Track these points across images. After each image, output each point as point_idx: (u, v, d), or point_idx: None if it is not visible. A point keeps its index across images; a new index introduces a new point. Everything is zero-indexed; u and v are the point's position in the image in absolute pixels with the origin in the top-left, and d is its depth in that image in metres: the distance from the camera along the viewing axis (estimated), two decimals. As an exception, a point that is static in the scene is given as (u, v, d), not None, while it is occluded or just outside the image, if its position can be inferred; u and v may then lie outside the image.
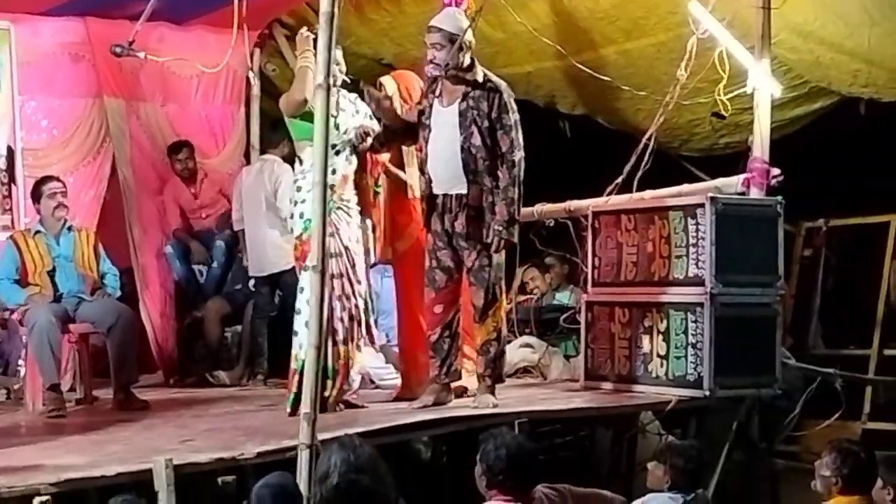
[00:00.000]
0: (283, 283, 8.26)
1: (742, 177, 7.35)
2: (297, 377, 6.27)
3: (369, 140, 6.74)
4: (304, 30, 6.74)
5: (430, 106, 6.72)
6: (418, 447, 6.86)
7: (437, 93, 6.71)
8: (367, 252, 6.89)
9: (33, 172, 8.13)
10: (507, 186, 6.51)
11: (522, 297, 9.05)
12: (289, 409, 6.35)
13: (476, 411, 6.40)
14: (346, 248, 6.65)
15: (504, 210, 6.50)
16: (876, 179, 9.39)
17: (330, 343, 6.43)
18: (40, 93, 8.53)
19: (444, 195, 6.63)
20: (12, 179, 8.32)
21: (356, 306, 6.65)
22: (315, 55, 5.95)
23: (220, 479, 5.14)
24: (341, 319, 6.58)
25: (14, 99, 8.36)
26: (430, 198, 6.69)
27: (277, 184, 8.33)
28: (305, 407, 4.80)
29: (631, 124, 9.08)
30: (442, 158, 6.61)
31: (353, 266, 6.67)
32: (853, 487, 4.96)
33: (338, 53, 6.46)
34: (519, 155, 6.56)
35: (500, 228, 6.49)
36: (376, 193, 7.12)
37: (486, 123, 6.55)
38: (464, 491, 4.99)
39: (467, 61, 6.64)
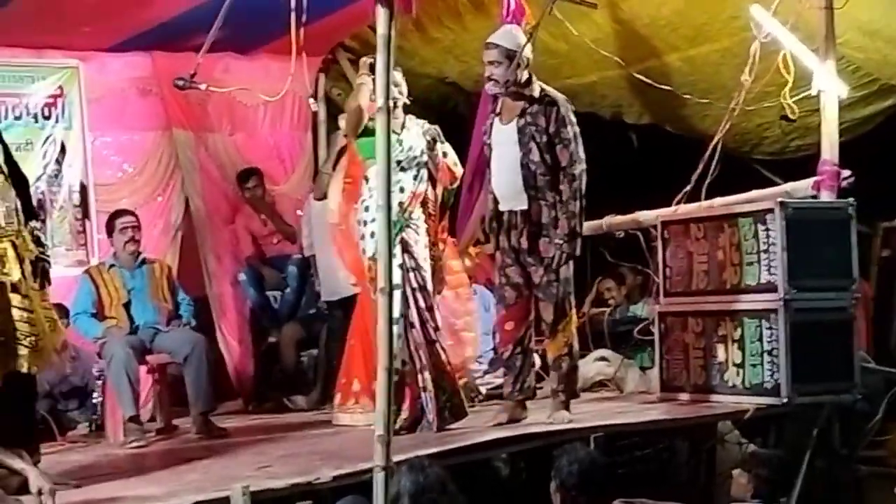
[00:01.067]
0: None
1: (812, 180, 7.26)
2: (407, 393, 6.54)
3: None
4: (366, 57, 6.79)
5: (491, 125, 6.74)
6: (497, 465, 6.85)
7: (498, 111, 6.72)
8: None
9: (105, 207, 8.27)
10: (569, 200, 6.50)
11: (596, 310, 8.99)
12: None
13: (552, 427, 6.37)
14: (418, 266, 6.69)
15: (565, 224, 6.49)
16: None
17: (427, 356, 6.58)
18: (110, 128, 8.68)
19: (510, 212, 6.63)
20: (86, 215, 8.47)
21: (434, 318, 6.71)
22: (372, 76, 6.00)
23: (297, 504, 5.17)
24: (426, 331, 6.64)
25: (85, 135, 8.51)
26: (496, 215, 6.70)
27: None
28: (380, 429, 4.82)
29: (699, 131, 9.01)
30: (504, 176, 6.62)
31: (425, 283, 6.71)
32: (936, 492, 4.89)
33: (397, 75, 6.54)
34: (580, 168, 6.54)
35: (561, 242, 6.48)
36: None
37: (544, 139, 6.54)
38: (542, 505, 4.97)
39: (525, 77, 6.64)
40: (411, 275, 6.63)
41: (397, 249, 6.65)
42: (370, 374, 6.96)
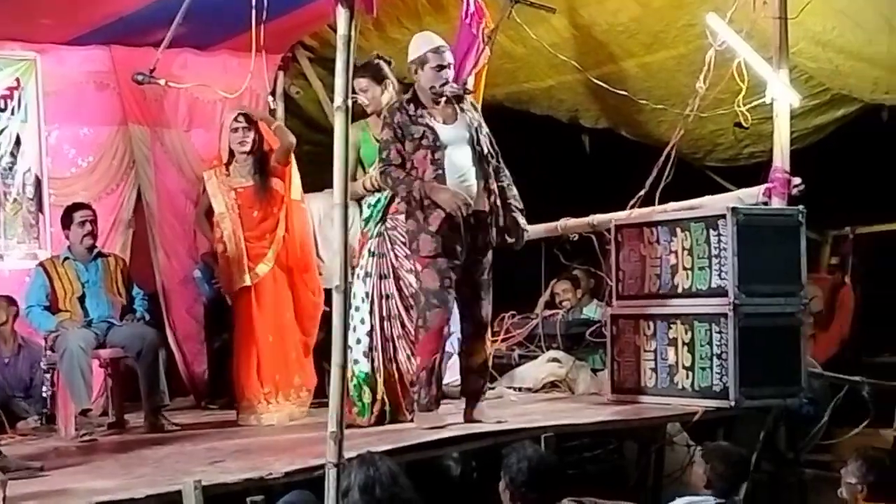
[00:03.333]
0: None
1: (763, 187, 7.35)
2: (364, 388, 6.70)
3: None
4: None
5: (429, 128, 6.51)
6: (448, 464, 6.89)
7: (426, 115, 6.56)
8: None
9: (59, 201, 8.24)
10: (511, 190, 6.66)
11: (549, 312, 9.06)
12: (364, 419, 6.68)
13: (501, 426, 6.42)
14: (395, 270, 6.77)
15: (512, 218, 6.58)
16: (902, 186, 9.38)
17: (388, 359, 6.75)
18: (66, 121, 8.64)
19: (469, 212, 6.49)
20: (40, 208, 8.43)
21: (403, 325, 6.80)
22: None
23: (249, 500, 5.17)
24: (391, 339, 6.77)
25: (41, 128, 8.47)
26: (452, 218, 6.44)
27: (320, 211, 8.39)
28: (332, 426, 4.84)
29: (654, 136, 9.10)
30: (465, 175, 6.54)
31: (401, 289, 6.80)
32: (879, 495, 4.98)
33: (363, 81, 6.78)
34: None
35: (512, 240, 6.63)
36: None
37: (484, 132, 6.64)
38: (492, 504, 5.02)
39: None
40: (384, 282, 6.76)
41: (367, 253, 6.76)
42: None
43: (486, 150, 6.58)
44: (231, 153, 7.49)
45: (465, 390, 6.71)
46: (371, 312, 6.78)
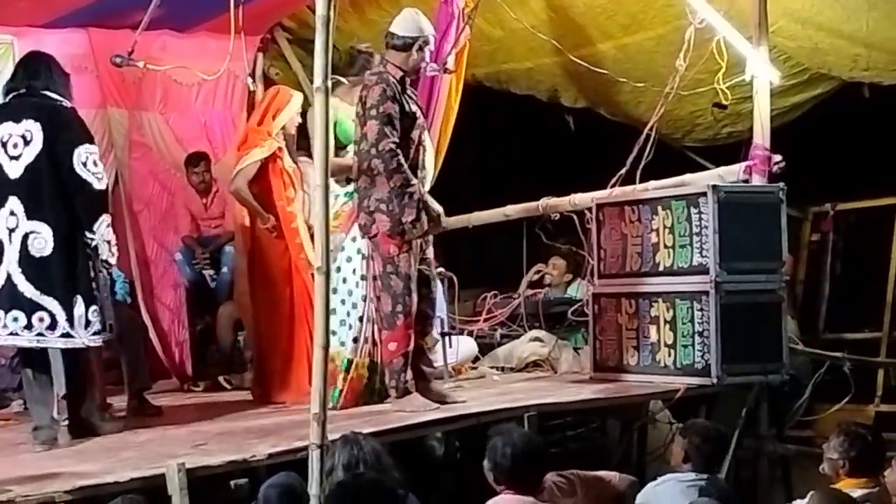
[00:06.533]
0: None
1: (744, 164, 7.36)
2: (342, 374, 6.65)
3: None
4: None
5: (413, 108, 6.58)
6: (432, 444, 6.92)
7: (413, 94, 6.66)
8: None
9: (39, 185, 8.17)
10: None
11: (531, 291, 9.07)
12: (331, 404, 6.50)
13: (486, 407, 6.43)
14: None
15: None
16: (882, 162, 9.42)
17: (371, 341, 6.74)
18: (45, 105, 8.57)
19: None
20: (19, 193, 8.37)
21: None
22: None
23: (232, 482, 5.19)
24: (372, 320, 6.74)
25: (19, 112, 8.40)
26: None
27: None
28: (315, 408, 4.85)
29: (633, 116, 9.12)
30: (429, 161, 6.67)
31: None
32: (860, 470, 5.01)
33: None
34: None
35: None
36: None
37: None
38: (479, 484, 5.03)
39: None
40: (367, 262, 6.74)
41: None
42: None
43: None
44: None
45: (425, 370, 6.73)
46: (365, 297, 6.75)
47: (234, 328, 8.68)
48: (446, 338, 7.78)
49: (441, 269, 8.21)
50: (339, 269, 6.77)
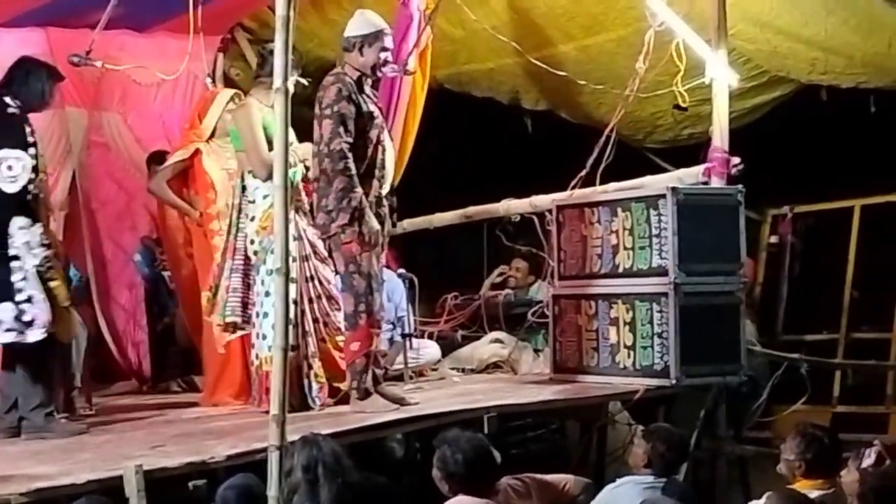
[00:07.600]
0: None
1: (703, 167, 7.40)
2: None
3: None
4: None
5: (371, 108, 6.56)
6: (392, 445, 6.91)
7: (371, 94, 6.66)
8: None
9: (-5, 184, 8.10)
10: None
11: (492, 293, 9.08)
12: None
13: (446, 408, 6.43)
14: (314, 247, 6.72)
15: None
16: (839, 165, 9.50)
17: (312, 344, 6.66)
18: (2, 105, 8.49)
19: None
20: (-27, 191, 8.29)
21: (326, 307, 6.75)
22: None
23: (190, 484, 5.15)
24: (316, 321, 6.69)
25: (-25, 112, 8.32)
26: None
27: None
28: (274, 409, 4.83)
29: (594, 118, 9.15)
30: (389, 159, 6.67)
31: (316, 272, 6.76)
32: (817, 471, 5.03)
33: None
34: None
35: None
36: None
37: None
38: (437, 486, 5.02)
39: None
40: (306, 264, 6.69)
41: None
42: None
43: None
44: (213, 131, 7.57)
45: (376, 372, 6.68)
46: (299, 298, 6.66)
47: (193, 329, 8.64)
48: (407, 339, 7.79)
49: (402, 271, 8.22)
50: (270, 273, 6.52)
